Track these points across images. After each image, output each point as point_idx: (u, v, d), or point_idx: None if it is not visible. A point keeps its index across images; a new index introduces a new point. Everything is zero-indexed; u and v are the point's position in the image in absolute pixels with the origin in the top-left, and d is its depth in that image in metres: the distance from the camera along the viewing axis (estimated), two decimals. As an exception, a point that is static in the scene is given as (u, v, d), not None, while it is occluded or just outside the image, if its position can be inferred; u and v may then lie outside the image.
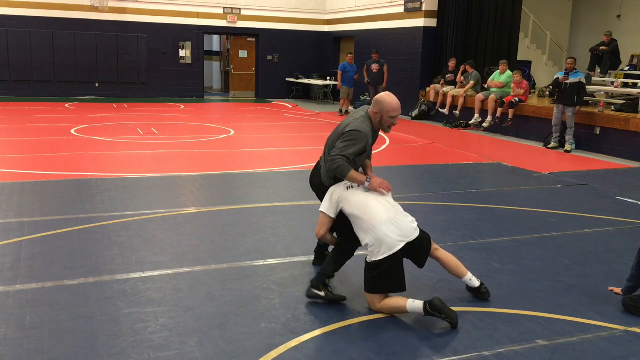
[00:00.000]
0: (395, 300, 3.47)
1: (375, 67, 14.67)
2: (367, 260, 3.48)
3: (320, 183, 3.97)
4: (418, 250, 3.52)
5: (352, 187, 3.67)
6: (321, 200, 3.84)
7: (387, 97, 3.70)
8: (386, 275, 3.42)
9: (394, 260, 3.40)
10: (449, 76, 14.19)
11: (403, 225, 3.48)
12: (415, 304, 3.38)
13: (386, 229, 3.42)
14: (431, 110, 14.52)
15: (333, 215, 3.67)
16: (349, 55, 15.05)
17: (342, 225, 3.70)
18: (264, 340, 3.15)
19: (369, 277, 3.47)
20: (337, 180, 3.77)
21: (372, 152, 4.17)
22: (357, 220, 3.54)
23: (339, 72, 14.84)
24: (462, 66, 13.75)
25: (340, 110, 15.25)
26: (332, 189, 3.75)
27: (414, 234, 3.49)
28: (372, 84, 15.01)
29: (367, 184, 3.60)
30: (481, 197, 6.64)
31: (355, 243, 3.68)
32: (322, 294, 3.61)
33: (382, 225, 3.42)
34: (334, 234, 3.87)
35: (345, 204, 3.60)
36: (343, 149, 3.61)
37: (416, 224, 3.57)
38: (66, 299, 3.59)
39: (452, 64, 14.16)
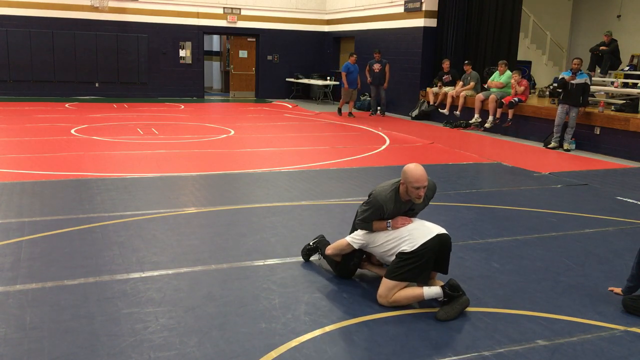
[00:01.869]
0: (411, 290, 3.59)
1: (377, 66, 14.69)
2: (403, 251, 3.61)
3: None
4: (444, 247, 3.66)
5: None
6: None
7: (411, 168, 3.65)
8: (417, 264, 3.57)
9: (427, 251, 3.56)
10: (446, 77, 14.20)
11: (429, 225, 3.74)
12: (432, 290, 3.55)
13: (416, 230, 3.68)
14: (431, 112, 14.52)
15: (356, 247, 3.91)
16: (353, 56, 14.70)
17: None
18: (264, 340, 3.15)
19: (400, 265, 3.59)
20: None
21: (374, 152, 4.20)
22: (387, 243, 3.74)
23: (343, 74, 14.51)
24: (466, 66, 13.75)
25: (339, 110, 15.04)
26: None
27: (442, 230, 3.70)
28: (374, 84, 15.02)
29: (389, 228, 3.74)
30: (481, 197, 6.64)
31: (343, 273, 4.05)
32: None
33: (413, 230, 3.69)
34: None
35: (373, 243, 3.83)
36: (362, 214, 3.83)
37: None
38: (66, 299, 3.59)
39: (446, 64, 14.17)
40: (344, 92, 14.65)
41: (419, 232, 3.64)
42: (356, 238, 3.93)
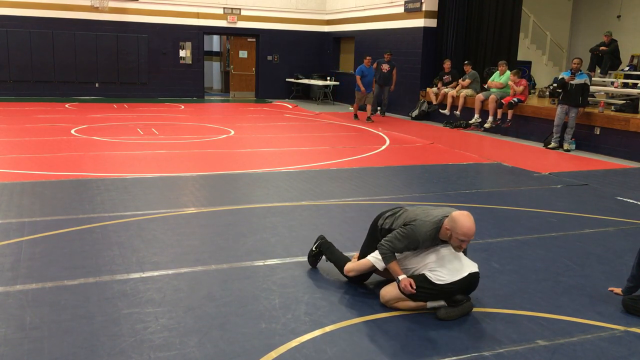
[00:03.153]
0: (415, 303, 3.56)
1: (385, 67, 14.67)
2: (430, 278, 3.50)
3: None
4: (471, 286, 3.58)
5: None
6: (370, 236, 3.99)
7: (464, 220, 3.43)
8: (435, 294, 3.51)
9: (452, 289, 3.48)
10: (446, 77, 14.21)
11: (464, 260, 3.62)
12: (436, 302, 3.52)
13: (450, 264, 3.55)
14: (431, 112, 14.53)
15: (380, 268, 3.78)
16: (367, 58, 13.96)
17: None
18: (264, 340, 3.15)
19: (418, 286, 3.47)
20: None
21: (374, 152, 4.18)
22: (414, 270, 3.64)
23: (358, 77, 13.84)
24: (465, 66, 13.75)
25: (355, 115, 14.19)
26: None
27: (474, 267, 3.59)
28: (379, 84, 15.02)
29: (398, 280, 3.53)
30: (481, 197, 6.64)
31: (355, 280, 3.96)
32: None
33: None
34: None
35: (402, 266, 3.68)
36: (394, 241, 3.57)
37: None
38: (66, 299, 3.59)
39: (447, 65, 14.18)
40: (357, 95, 14.04)
41: (452, 266, 3.50)
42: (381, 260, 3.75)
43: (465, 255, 3.68)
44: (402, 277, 3.49)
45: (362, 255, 3.98)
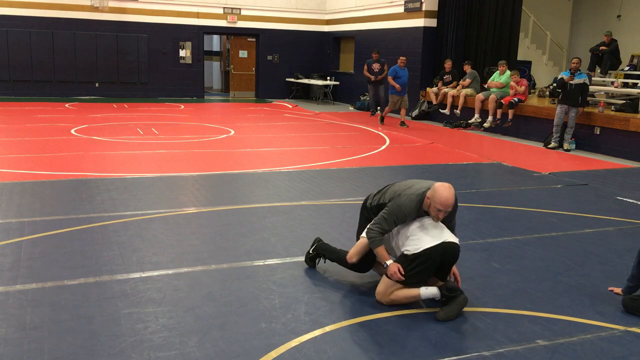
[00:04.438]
0: (408, 290, 3.57)
1: (376, 66, 14.68)
2: (406, 253, 3.57)
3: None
4: (448, 256, 3.59)
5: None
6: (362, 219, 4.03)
7: (442, 190, 3.53)
8: (417, 271, 3.53)
9: (428, 257, 3.51)
10: (447, 77, 14.20)
11: (443, 232, 3.64)
12: (429, 291, 3.54)
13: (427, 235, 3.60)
14: (431, 112, 14.52)
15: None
16: (401, 59, 13.09)
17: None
18: (264, 340, 3.15)
19: (407, 269, 3.53)
20: None
21: (374, 152, 4.17)
22: (400, 237, 3.71)
23: (390, 78, 13.12)
24: (465, 65, 13.74)
25: (382, 118, 13.50)
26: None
27: (452, 238, 3.62)
28: (371, 84, 15.02)
29: (385, 266, 3.60)
30: (481, 197, 6.63)
31: (361, 267, 3.96)
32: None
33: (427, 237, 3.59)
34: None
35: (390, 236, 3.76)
36: (382, 223, 3.63)
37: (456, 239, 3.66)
38: (66, 299, 3.59)
39: (448, 64, 14.18)
40: (392, 99, 13.18)
41: (428, 236, 3.56)
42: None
43: (454, 234, 3.71)
44: (389, 262, 3.58)
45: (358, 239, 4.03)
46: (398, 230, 3.73)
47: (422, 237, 3.56)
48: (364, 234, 3.86)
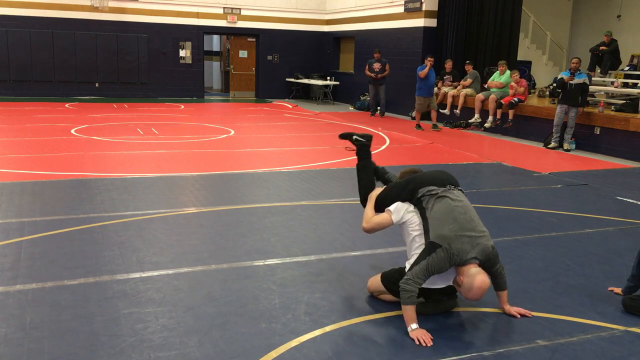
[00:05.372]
0: (393, 297, 3.57)
1: (377, 65, 14.67)
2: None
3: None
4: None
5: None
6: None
7: (476, 284, 3.16)
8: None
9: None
10: (447, 77, 14.20)
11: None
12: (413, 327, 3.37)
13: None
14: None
15: (395, 223, 3.56)
16: (429, 59, 12.43)
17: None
18: (264, 340, 3.15)
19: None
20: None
21: (374, 152, 4.14)
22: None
23: (422, 72, 12.44)
24: (467, 65, 13.75)
25: (418, 125, 12.71)
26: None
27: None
28: (372, 84, 15.01)
29: (409, 329, 3.24)
30: (481, 197, 6.63)
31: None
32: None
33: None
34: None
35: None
36: (420, 277, 3.23)
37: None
38: (66, 299, 3.59)
39: (448, 65, 14.18)
40: (418, 101, 12.71)
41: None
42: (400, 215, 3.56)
43: (499, 277, 3.54)
44: (414, 326, 3.23)
45: (383, 199, 3.69)
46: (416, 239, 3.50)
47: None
48: (394, 208, 3.55)
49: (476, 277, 3.17)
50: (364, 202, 3.89)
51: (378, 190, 3.81)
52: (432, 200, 3.41)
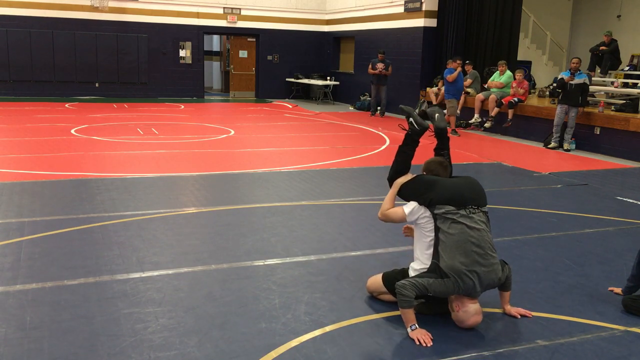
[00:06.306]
0: (391, 297, 3.56)
1: (380, 66, 14.67)
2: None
3: None
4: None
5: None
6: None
7: (469, 322, 3.28)
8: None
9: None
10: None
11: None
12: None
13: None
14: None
15: (408, 222, 3.53)
16: (457, 61, 12.03)
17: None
18: (264, 340, 3.15)
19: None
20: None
21: (373, 152, 4.13)
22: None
23: (450, 77, 12.09)
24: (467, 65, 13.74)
25: (454, 130, 11.98)
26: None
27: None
28: (374, 83, 15.01)
29: (409, 329, 3.23)
30: (481, 197, 6.62)
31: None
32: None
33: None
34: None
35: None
36: (419, 286, 3.21)
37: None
38: (66, 299, 3.59)
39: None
40: (449, 104, 12.20)
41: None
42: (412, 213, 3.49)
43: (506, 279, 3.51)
44: (414, 326, 3.22)
45: (404, 192, 3.61)
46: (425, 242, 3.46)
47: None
48: (409, 207, 3.49)
49: (471, 317, 3.28)
50: (390, 182, 3.80)
51: (406, 177, 3.68)
52: (447, 223, 3.29)
